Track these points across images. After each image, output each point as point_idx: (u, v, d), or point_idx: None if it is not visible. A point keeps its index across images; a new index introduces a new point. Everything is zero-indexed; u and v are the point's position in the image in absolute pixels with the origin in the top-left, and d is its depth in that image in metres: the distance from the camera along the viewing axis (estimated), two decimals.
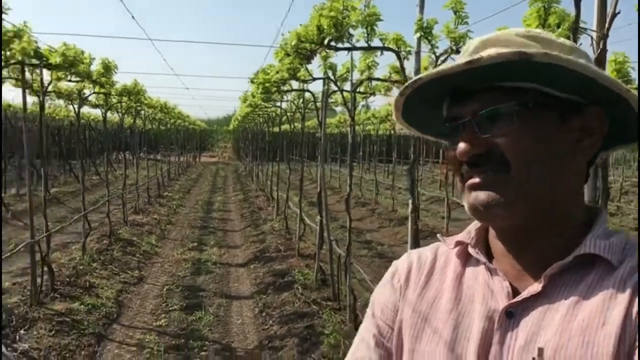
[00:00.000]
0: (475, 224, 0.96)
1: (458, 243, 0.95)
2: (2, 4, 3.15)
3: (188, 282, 7.30)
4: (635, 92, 0.81)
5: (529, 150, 0.81)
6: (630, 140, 0.91)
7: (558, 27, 3.26)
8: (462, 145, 0.83)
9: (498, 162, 0.81)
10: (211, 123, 56.55)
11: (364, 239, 10.39)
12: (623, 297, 0.75)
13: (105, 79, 7.14)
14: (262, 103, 9.63)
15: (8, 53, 4.56)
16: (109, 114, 10.97)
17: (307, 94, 7.74)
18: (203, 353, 5.04)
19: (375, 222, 12.33)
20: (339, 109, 17.63)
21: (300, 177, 8.56)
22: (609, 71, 4.79)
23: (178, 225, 11.87)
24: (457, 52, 3.63)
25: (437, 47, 3.69)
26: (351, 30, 3.39)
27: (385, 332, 0.96)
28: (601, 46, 1.99)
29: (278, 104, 10.72)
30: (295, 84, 6.67)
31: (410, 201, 3.63)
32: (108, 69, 7.05)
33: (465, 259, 0.94)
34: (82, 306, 5.80)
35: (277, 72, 5.48)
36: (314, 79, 5.48)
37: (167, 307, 6.28)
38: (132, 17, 8.27)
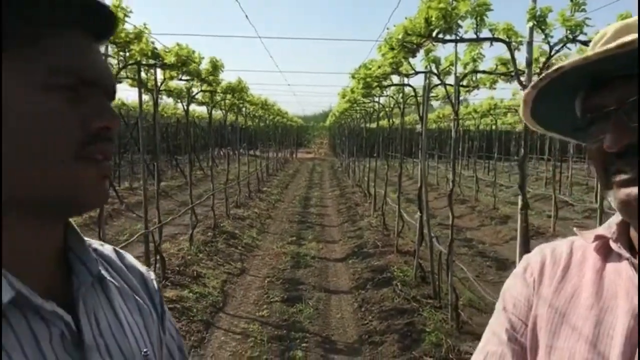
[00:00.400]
0: (616, 217, 0.91)
1: (598, 237, 0.90)
2: (124, 7, 3.39)
3: (288, 275, 7.46)
4: None
5: None
6: None
7: None
8: (610, 137, 0.77)
9: None
10: (307, 119, 57.52)
11: (463, 237, 10.13)
12: None
13: (212, 78, 7.46)
14: (361, 98, 9.63)
15: (127, 54, 4.89)
16: (213, 111, 11.42)
17: (407, 89, 7.65)
18: (304, 344, 5.13)
19: (475, 220, 12.00)
20: (436, 104, 17.32)
21: (399, 173, 8.48)
22: None
23: (277, 219, 12.16)
24: (574, 40, 3.43)
25: (552, 37, 3.50)
26: (460, 22, 3.30)
27: (518, 327, 0.93)
28: None
29: (377, 99, 10.68)
30: (396, 79, 6.62)
31: (520, 197, 3.48)
32: (216, 67, 7.36)
33: (606, 254, 0.89)
34: (191, 294, 6.10)
35: (379, 67, 5.45)
36: (417, 73, 5.40)
37: (268, 298, 6.46)
38: (246, 16, 8.55)
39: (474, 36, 3.45)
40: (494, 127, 20.20)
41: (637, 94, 0.76)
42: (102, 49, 4.69)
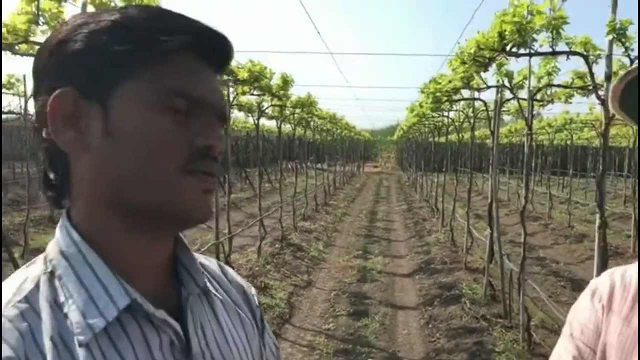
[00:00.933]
0: None
1: None
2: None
3: (354, 289, 7.46)
4: None
5: None
6: None
7: None
8: None
9: None
10: (375, 133, 57.42)
11: (536, 255, 9.78)
12: None
13: (283, 92, 7.63)
14: (430, 113, 9.56)
15: None
16: (282, 125, 11.64)
17: (477, 103, 7.52)
18: (370, 359, 5.11)
19: (548, 238, 11.57)
20: (508, 118, 16.88)
21: (469, 188, 8.32)
22: None
23: (343, 232, 12.19)
24: None
25: (632, 49, 3.37)
26: (534, 35, 3.24)
27: (586, 354, 0.92)
28: None
29: (446, 113, 10.55)
30: (466, 93, 6.53)
31: (597, 216, 3.35)
32: (286, 82, 7.52)
33: None
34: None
35: (450, 81, 5.41)
36: (488, 87, 5.31)
37: (334, 311, 6.47)
38: (318, 33, 8.70)
39: (550, 50, 3.37)
40: (569, 142, 19.46)
41: None
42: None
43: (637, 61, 3.45)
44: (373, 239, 11.40)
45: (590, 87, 3.89)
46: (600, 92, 3.50)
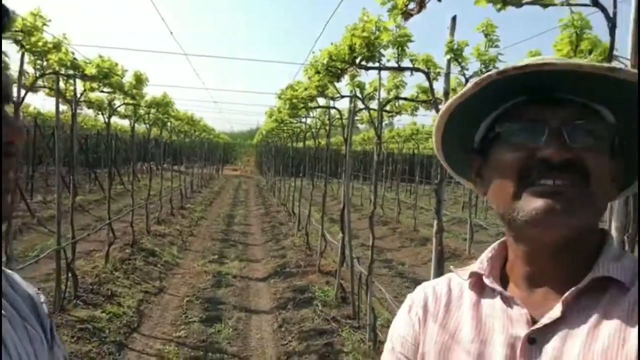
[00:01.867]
0: (487, 254, 0.97)
1: (472, 274, 0.95)
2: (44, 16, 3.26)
3: (208, 294, 7.33)
4: None
5: (605, 172, 0.83)
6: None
7: (590, 53, 3.25)
8: (553, 147, 0.81)
9: (580, 174, 0.81)
10: (235, 136, 57.02)
11: (384, 257, 10.33)
12: (637, 315, 0.77)
13: (136, 91, 7.29)
14: (288, 118, 9.71)
15: (45, 63, 4.70)
16: (136, 124, 11.13)
17: (332, 111, 7.78)
18: None
19: (396, 242, 12.27)
20: (362, 126, 17.67)
21: (324, 194, 8.57)
22: None
23: (199, 237, 11.95)
24: None
25: (467, 69, 3.69)
26: (382, 51, 3.42)
27: None
28: None
29: (303, 119, 10.79)
30: (322, 101, 6.73)
31: (435, 222, 3.62)
32: (140, 81, 7.20)
33: (480, 289, 0.95)
34: (104, 314, 5.86)
35: (306, 89, 5.53)
36: (342, 97, 5.52)
37: (187, 318, 6.31)
38: (171, 33, 8.44)
39: (396, 65, 3.59)
40: (416, 151, 20.85)
41: (580, 119, 0.83)
42: (18, 58, 4.49)
43: (470, 80, 3.79)
44: (230, 243, 11.30)
45: (432, 101, 4.20)
46: (440, 107, 3.78)
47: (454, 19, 3.54)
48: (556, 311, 0.81)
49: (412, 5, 2.05)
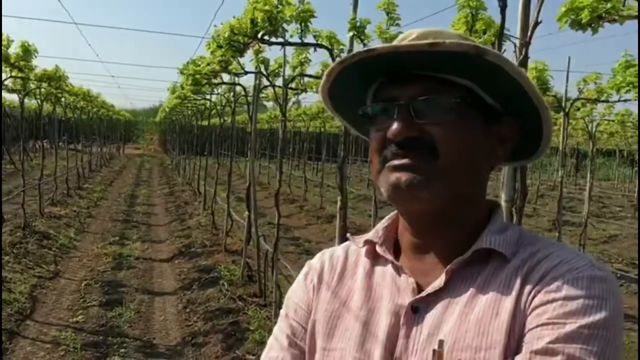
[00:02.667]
0: (382, 223, 0.99)
1: (367, 242, 0.97)
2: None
3: (108, 277, 7.04)
4: (549, 111, 0.87)
5: (458, 143, 0.84)
6: (530, 157, 0.98)
7: (484, 33, 3.39)
8: (396, 126, 0.83)
9: (428, 149, 0.83)
10: (137, 114, 54.72)
11: (291, 235, 10.40)
12: (514, 288, 0.80)
13: (24, 63, 6.75)
14: (192, 95, 9.44)
15: None
16: (26, 100, 10.36)
17: (238, 88, 7.65)
18: (122, 350, 4.88)
19: (303, 219, 12.38)
20: (269, 104, 17.52)
21: (229, 172, 8.45)
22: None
23: (99, 218, 11.43)
24: None
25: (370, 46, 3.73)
26: (285, 26, 3.38)
27: (298, 332, 0.97)
28: (523, 53, 2.09)
29: (208, 96, 10.53)
30: (226, 77, 6.59)
31: (339, 198, 3.66)
32: (28, 52, 6.66)
33: (374, 258, 0.96)
34: None
35: (208, 64, 5.38)
36: (246, 73, 5.42)
37: (85, 303, 6.04)
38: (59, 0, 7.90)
39: (299, 41, 3.56)
40: (322, 129, 21.05)
41: (427, 94, 0.83)
42: None
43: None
44: (132, 224, 10.90)
45: None
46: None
47: None
48: (439, 281, 0.84)
49: None
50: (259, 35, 3.45)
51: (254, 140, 6.28)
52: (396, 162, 0.84)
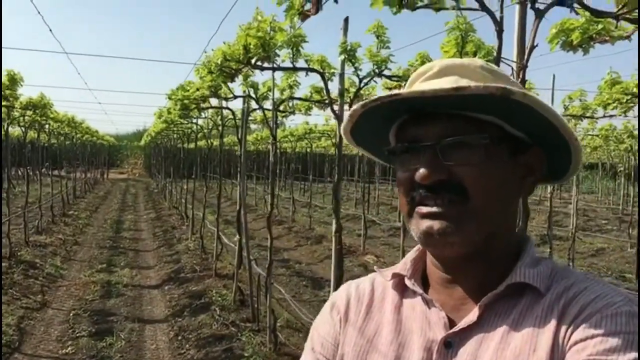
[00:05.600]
0: (411, 254, 0.97)
1: (395, 275, 0.96)
2: None
3: (97, 306, 6.92)
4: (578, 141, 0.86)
5: (487, 183, 0.82)
6: (554, 179, 0.96)
7: (475, 54, 3.42)
8: (423, 170, 0.82)
9: (457, 192, 0.82)
10: (120, 138, 54.36)
11: (281, 257, 10.33)
12: (551, 323, 0.78)
13: (10, 92, 6.68)
14: (179, 119, 9.40)
15: None
16: (10, 127, 10.26)
17: (225, 111, 7.64)
18: None
19: (292, 241, 12.32)
20: (254, 126, 17.57)
21: (218, 195, 8.40)
22: None
23: (85, 245, 11.27)
24: (380, 75, 3.72)
25: (361, 70, 3.76)
26: (277, 51, 3.39)
27: None
28: (521, 76, 2.11)
29: (195, 120, 10.50)
30: (215, 101, 6.58)
31: (334, 221, 3.65)
32: (14, 81, 6.60)
33: (403, 291, 0.95)
34: None
35: (198, 89, 5.37)
36: (235, 97, 5.42)
37: (74, 333, 5.91)
38: (50, 30, 7.88)
39: (291, 65, 3.57)
40: (309, 149, 21.08)
41: (454, 134, 0.82)
42: None
43: (364, 80, 3.86)
44: (119, 251, 10.76)
45: (327, 102, 4.23)
46: (335, 107, 3.82)
47: (346, 20, 3.59)
48: (472, 315, 0.83)
49: (308, 6, 2.04)
50: (252, 61, 3.46)
51: (244, 163, 6.26)
52: (425, 209, 0.83)
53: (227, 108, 6.84)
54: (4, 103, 7.28)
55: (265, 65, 3.50)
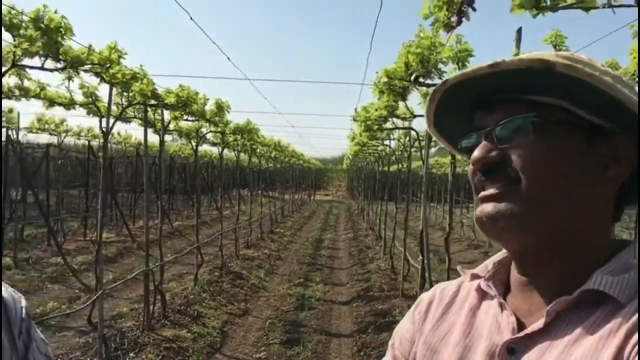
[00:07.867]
0: (495, 257, 0.93)
1: (474, 276, 0.93)
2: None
3: (290, 317, 7.40)
4: None
5: (542, 166, 0.77)
6: None
7: None
8: (475, 153, 0.82)
9: (509, 174, 0.78)
10: (326, 162, 57.76)
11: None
12: (618, 337, 0.69)
13: (218, 118, 7.61)
14: (369, 142, 9.70)
15: (130, 94, 5.05)
16: (225, 151, 11.57)
17: (412, 132, 7.68)
18: None
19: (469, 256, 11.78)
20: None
21: (405, 216, 8.46)
22: None
23: (287, 260, 12.14)
24: None
25: None
26: (442, 67, 3.36)
27: None
28: None
29: (386, 142, 10.73)
30: (399, 122, 6.67)
31: None
32: (221, 108, 7.50)
33: (483, 293, 0.91)
34: (189, 334, 6.08)
35: (377, 110, 5.52)
36: (414, 117, 5.44)
37: (267, 340, 6.40)
38: (228, 58, 8.88)
39: None
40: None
41: (509, 117, 0.79)
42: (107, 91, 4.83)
43: None
44: (316, 267, 11.39)
45: None
46: None
47: (519, 31, 3.43)
48: (540, 322, 0.77)
49: (453, 18, 2.01)
50: (412, 78, 3.47)
51: (426, 184, 6.23)
52: (482, 193, 0.82)
53: (412, 129, 6.88)
54: (217, 129, 8.30)
55: (429, 81, 3.49)
